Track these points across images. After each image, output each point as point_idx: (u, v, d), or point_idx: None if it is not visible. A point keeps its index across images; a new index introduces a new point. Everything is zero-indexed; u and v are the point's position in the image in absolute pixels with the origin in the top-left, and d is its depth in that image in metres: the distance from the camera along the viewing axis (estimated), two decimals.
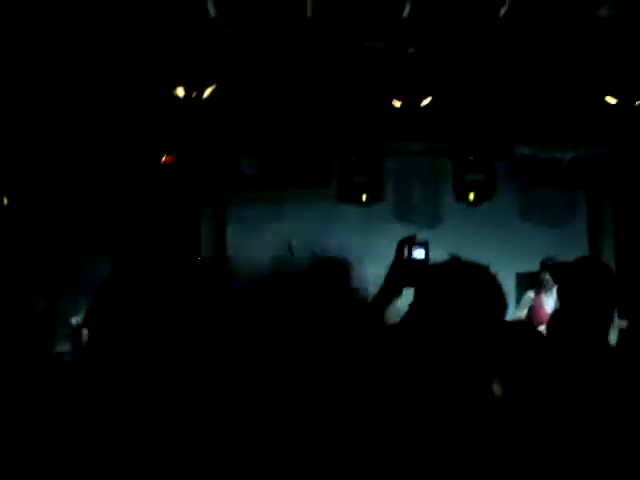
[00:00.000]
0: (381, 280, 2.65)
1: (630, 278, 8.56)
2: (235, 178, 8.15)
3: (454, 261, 2.45)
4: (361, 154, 7.98)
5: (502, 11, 5.97)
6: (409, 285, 2.53)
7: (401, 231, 9.03)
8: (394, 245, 2.80)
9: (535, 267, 7.78)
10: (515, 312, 7.55)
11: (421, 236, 8.53)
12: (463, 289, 2.17)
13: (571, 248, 8.37)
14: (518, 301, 7.85)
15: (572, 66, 6.43)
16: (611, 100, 6.39)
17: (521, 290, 8.15)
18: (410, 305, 3.17)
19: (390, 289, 2.67)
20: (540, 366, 2.86)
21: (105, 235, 8.21)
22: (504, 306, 2.23)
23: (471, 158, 8.02)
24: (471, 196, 8.00)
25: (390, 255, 2.66)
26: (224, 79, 6.40)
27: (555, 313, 3.24)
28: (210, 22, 6.03)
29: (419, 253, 2.64)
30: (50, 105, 7.00)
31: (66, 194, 8.06)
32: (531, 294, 7.67)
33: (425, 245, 2.67)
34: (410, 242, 2.68)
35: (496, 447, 1.92)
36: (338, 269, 5.09)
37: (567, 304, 3.01)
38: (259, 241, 8.55)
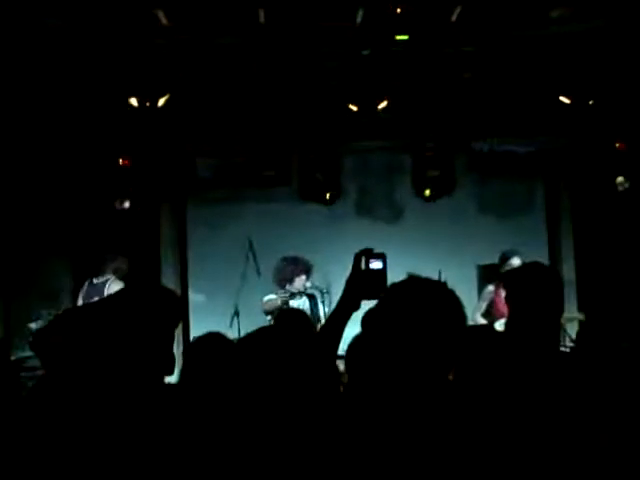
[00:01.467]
0: (344, 278, 2.67)
1: (588, 267, 8.71)
2: (194, 179, 8.12)
3: (412, 280, 2.46)
4: (320, 152, 7.98)
5: (455, 14, 6.00)
6: (367, 297, 2.56)
7: (362, 228, 9.04)
8: (356, 243, 2.81)
9: (495, 259, 7.87)
10: (476, 306, 7.65)
11: (383, 231, 8.59)
12: (422, 308, 2.18)
13: (530, 239, 8.48)
14: (480, 292, 7.94)
15: (524, 64, 6.48)
16: (565, 99, 6.46)
17: (482, 282, 8.24)
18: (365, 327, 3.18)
19: (349, 302, 2.68)
20: (495, 369, 2.91)
21: (63, 240, 8.13)
22: (463, 320, 2.24)
23: (429, 154, 8.05)
24: (428, 192, 8.04)
25: (352, 252, 2.68)
26: (179, 83, 6.35)
27: (507, 318, 3.28)
28: (163, 30, 5.99)
29: (376, 264, 2.66)
30: (6, 111, 6.91)
31: (23, 198, 7.96)
32: (491, 287, 7.75)
33: (382, 257, 2.69)
34: (367, 254, 2.69)
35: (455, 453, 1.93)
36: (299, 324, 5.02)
37: (516, 310, 3.08)
38: (220, 241, 8.54)
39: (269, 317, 7.29)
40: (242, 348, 2.71)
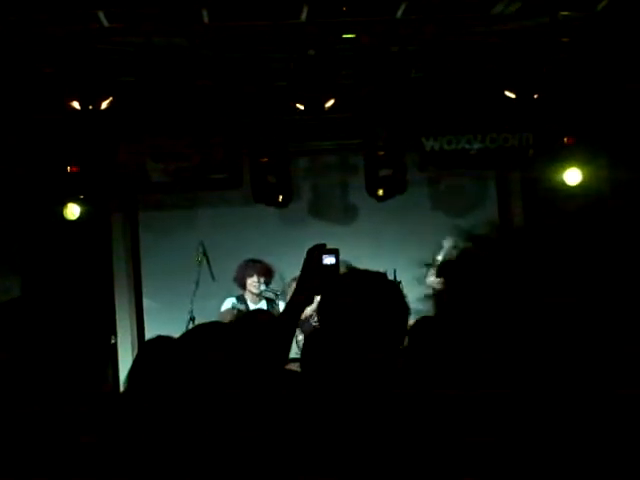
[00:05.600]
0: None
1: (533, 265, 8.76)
2: (145, 184, 8.02)
3: (352, 272, 2.45)
4: (271, 154, 7.93)
5: (399, 11, 6.00)
6: (320, 293, 2.54)
7: (317, 229, 9.02)
8: (311, 244, 2.79)
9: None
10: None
11: (337, 232, 8.58)
12: (363, 298, 2.17)
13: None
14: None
15: (470, 61, 6.51)
16: (510, 94, 6.50)
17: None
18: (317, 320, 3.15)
19: (302, 296, 2.66)
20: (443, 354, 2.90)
21: (11, 253, 7.99)
22: (406, 309, 2.23)
23: (381, 153, 8.04)
24: (380, 191, 8.03)
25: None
26: (123, 85, 6.26)
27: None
28: (105, 31, 5.90)
29: (329, 260, 2.66)
30: None
31: None
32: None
33: (335, 252, 2.68)
34: (320, 249, 2.68)
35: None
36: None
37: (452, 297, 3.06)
38: (173, 246, 8.45)
39: None
40: (182, 346, 2.66)
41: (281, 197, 8.12)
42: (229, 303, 7.47)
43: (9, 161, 7.53)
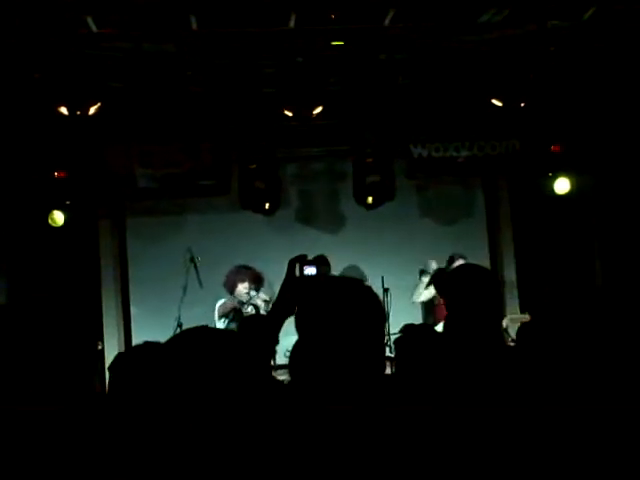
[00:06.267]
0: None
1: (529, 269, 8.82)
2: (133, 190, 8.01)
3: (327, 279, 2.46)
4: (259, 161, 7.94)
5: (387, 19, 6.02)
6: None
7: (304, 236, 9.00)
8: (298, 251, 2.81)
9: (439, 264, 7.93)
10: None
11: (325, 239, 8.58)
12: (338, 305, 2.17)
13: (471, 243, 8.56)
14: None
15: (458, 69, 6.54)
16: (497, 102, 6.54)
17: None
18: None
19: (283, 307, 2.68)
20: (434, 364, 2.91)
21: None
22: (382, 314, 2.24)
23: (369, 160, 8.06)
24: (369, 199, 8.05)
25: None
26: (111, 93, 6.26)
27: (446, 319, 3.29)
28: (93, 37, 5.90)
29: (310, 270, 2.68)
30: None
31: None
32: (433, 290, 7.80)
33: (316, 263, 2.71)
34: (301, 260, 2.71)
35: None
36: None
37: (453, 310, 3.08)
38: (160, 253, 8.44)
39: (222, 320, 7.30)
40: (168, 350, 2.66)
41: (268, 205, 8.14)
42: (222, 301, 7.51)
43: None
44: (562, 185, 8.11)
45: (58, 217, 7.81)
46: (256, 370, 2.69)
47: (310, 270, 2.66)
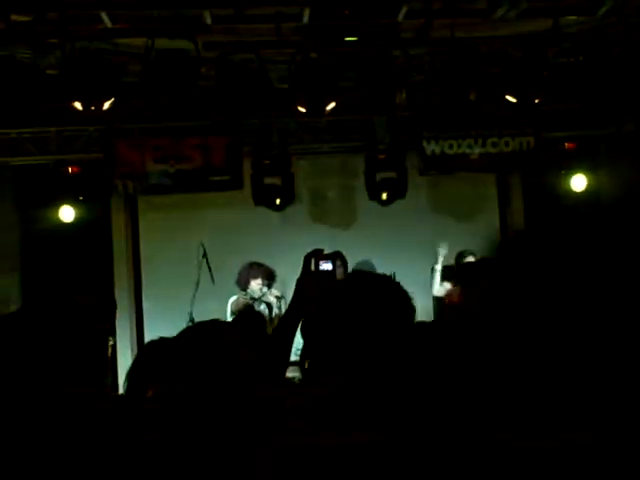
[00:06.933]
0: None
1: (541, 267, 8.78)
2: (145, 185, 8.02)
3: (356, 274, 2.43)
4: (272, 157, 7.93)
5: (401, 14, 6.00)
6: (318, 299, 2.53)
7: (317, 231, 8.99)
8: (311, 247, 2.80)
9: (451, 260, 7.93)
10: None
11: (337, 235, 8.56)
12: (368, 301, 2.15)
13: (484, 240, 8.55)
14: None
15: (472, 65, 6.49)
16: (511, 99, 6.50)
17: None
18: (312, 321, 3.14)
19: (299, 303, 2.65)
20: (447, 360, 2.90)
21: (11, 253, 8.01)
22: (411, 311, 2.22)
23: (382, 156, 8.05)
24: (384, 195, 8.03)
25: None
26: (125, 89, 6.26)
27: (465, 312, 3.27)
28: (108, 32, 5.91)
29: (326, 266, 2.65)
30: None
31: None
32: (448, 285, 7.79)
33: (332, 258, 2.68)
34: (317, 255, 2.68)
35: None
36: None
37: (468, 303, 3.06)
38: (173, 248, 8.46)
39: (235, 317, 7.32)
40: (180, 344, 2.65)
41: (280, 200, 8.13)
42: (234, 298, 7.53)
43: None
44: (579, 182, 8.08)
45: (66, 213, 7.83)
46: (270, 368, 2.67)
47: (326, 265, 2.62)
